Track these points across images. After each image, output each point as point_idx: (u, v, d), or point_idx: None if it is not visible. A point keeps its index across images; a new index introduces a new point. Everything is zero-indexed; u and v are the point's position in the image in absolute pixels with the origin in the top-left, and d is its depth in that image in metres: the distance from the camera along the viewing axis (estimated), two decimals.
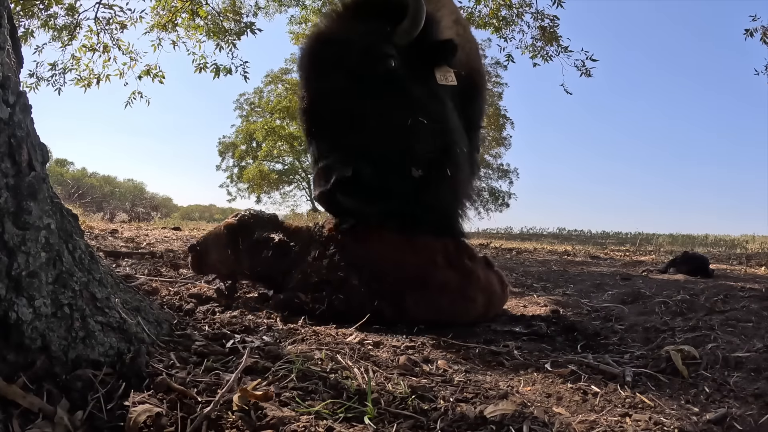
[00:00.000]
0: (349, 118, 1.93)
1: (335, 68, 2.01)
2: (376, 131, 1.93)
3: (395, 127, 1.96)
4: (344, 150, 1.90)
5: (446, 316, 1.97)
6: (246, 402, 0.98)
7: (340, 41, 2.06)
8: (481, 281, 2.06)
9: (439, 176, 2.06)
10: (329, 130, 1.97)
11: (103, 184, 26.36)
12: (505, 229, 22.40)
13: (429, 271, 1.98)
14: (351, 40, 2.05)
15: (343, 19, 2.17)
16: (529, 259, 6.70)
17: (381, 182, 1.89)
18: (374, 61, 2.02)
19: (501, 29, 7.41)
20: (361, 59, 2.00)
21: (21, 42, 1.23)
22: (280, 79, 21.74)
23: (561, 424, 1.05)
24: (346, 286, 1.92)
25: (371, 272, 1.94)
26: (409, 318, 1.92)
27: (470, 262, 2.08)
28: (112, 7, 7.12)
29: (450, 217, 2.24)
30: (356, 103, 1.95)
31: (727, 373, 1.38)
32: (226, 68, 7.25)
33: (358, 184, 1.83)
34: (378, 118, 1.94)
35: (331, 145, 1.94)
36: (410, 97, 2.03)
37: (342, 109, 1.95)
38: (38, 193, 1.05)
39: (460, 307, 2.00)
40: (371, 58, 2.02)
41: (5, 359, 0.91)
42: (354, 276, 1.93)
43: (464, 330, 1.89)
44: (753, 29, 6.87)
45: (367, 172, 1.85)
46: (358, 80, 1.97)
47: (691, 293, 2.67)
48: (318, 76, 2.05)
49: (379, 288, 1.92)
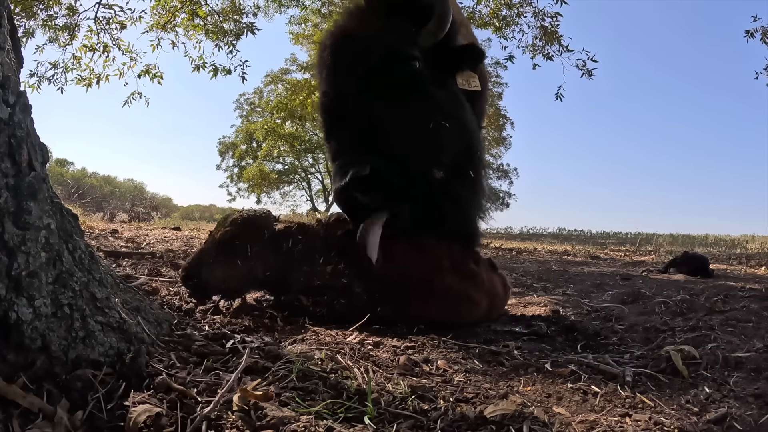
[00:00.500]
0: (369, 117, 1.88)
1: (358, 66, 1.96)
2: (397, 132, 1.89)
3: (416, 128, 1.92)
4: (363, 149, 1.83)
5: (449, 318, 1.95)
6: (246, 402, 0.98)
7: (364, 39, 2.01)
8: (485, 284, 2.05)
9: (461, 179, 2.03)
10: (349, 129, 1.92)
11: (103, 184, 26.36)
12: (505, 229, 22.42)
13: (435, 276, 1.95)
14: (375, 39, 2.00)
15: (367, 17, 2.13)
16: (529, 259, 6.70)
17: (399, 181, 1.82)
18: (399, 61, 1.99)
19: (501, 29, 7.42)
20: (385, 59, 1.96)
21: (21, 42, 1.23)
22: (280, 79, 21.75)
23: (561, 424, 1.05)
24: (348, 291, 1.88)
25: (375, 278, 1.88)
26: (411, 320, 1.91)
27: (475, 265, 2.06)
28: (111, 6, 7.12)
29: (468, 222, 2.18)
30: (377, 103, 1.90)
31: (727, 373, 1.38)
32: (225, 69, 7.26)
33: (376, 182, 1.76)
34: (399, 118, 1.90)
35: (350, 144, 1.89)
36: (432, 99, 2.00)
37: (363, 108, 1.90)
38: (38, 193, 1.05)
39: (464, 311, 1.99)
40: (396, 58, 1.99)
41: (5, 359, 0.91)
42: (357, 283, 1.88)
43: (464, 330, 1.89)
44: (753, 30, 6.89)
45: (385, 170, 1.77)
46: (380, 80, 1.94)
47: (691, 293, 2.67)
48: (340, 74, 1.99)
49: (382, 294, 1.88)
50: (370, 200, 1.80)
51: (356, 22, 2.13)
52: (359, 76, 1.95)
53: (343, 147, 1.91)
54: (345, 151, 1.89)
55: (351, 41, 2.03)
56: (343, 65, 2.00)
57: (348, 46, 2.02)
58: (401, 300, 1.90)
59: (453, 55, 2.14)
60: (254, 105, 23.05)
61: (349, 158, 1.82)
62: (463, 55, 2.16)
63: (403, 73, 1.96)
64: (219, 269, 1.87)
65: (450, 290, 1.95)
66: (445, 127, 1.96)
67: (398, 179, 1.82)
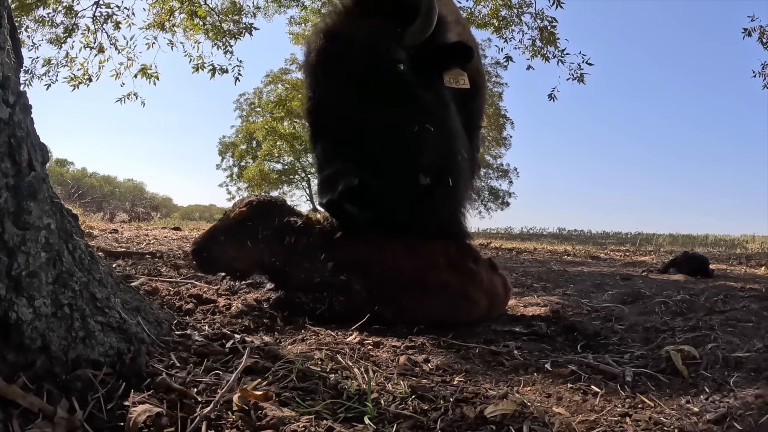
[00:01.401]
0: (354, 122, 1.91)
1: (342, 69, 1.96)
2: (382, 137, 1.90)
3: (402, 133, 1.94)
4: (350, 156, 1.87)
5: (448, 318, 1.96)
6: (246, 402, 0.98)
7: (347, 40, 2.00)
8: (485, 283, 2.05)
9: (442, 183, 2.05)
10: (334, 133, 1.94)
11: (103, 184, 26.35)
12: (505, 229, 22.43)
13: (430, 274, 1.96)
14: (359, 40, 1.99)
15: (351, 16, 2.11)
16: (529, 259, 6.70)
17: (387, 190, 1.88)
18: (383, 64, 1.98)
19: (501, 29, 7.41)
20: (369, 61, 1.95)
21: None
22: (280, 79, 21.76)
23: (561, 424, 1.05)
24: (347, 289, 1.90)
25: (373, 276, 1.92)
26: (410, 320, 1.92)
27: (474, 264, 2.06)
28: (109, 5, 7.12)
29: (453, 222, 2.23)
30: (362, 107, 1.92)
31: (727, 373, 1.38)
32: (222, 68, 7.26)
33: (365, 193, 1.82)
34: (384, 123, 1.92)
35: (336, 150, 1.92)
36: (417, 103, 2.00)
37: (348, 112, 1.92)
38: (38, 193, 1.05)
39: (463, 309, 2.00)
40: (380, 60, 1.98)
41: (5, 359, 0.91)
42: (356, 281, 1.90)
43: (464, 330, 1.89)
44: (751, 29, 6.89)
45: (373, 180, 1.83)
46: (364, 83, 1.93)
47: (691, 293, 2.67)
48: (324, 77, 2.00)
49: (380, 292, 1.90)
50: (359, 210, 1.87)
51: (341, 22, 2.11)
52: (343, 80, 1.95)
53: (328, 154, 1.96)
54: (331, 158, 1.93)
55: (335, 42, 2.02)
56: (326, 68, 2.00)
57: (330, 47, 2.01)
58: (398, 299, 1.91)
59: (440, 53, 2.11)
60: (254, 105, 23.08)
61: (336, 167, 1.87)
62: (450, 53, 2.14)
63: (386, 76, 1.96)
64: (228, 247, 1.93)
65: (447, 287, 1.96)
66: (429, 131, 1.97)
67: (383, 187, 1.87)
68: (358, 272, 1.92)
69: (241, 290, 2.33)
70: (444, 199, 2.10)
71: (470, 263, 2.05)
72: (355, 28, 2.04)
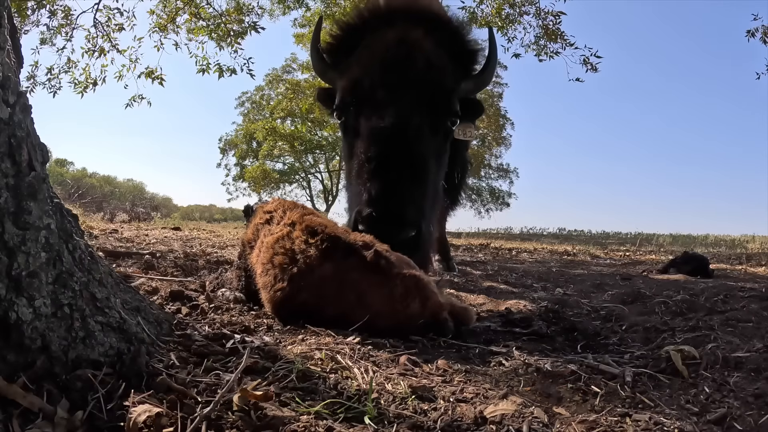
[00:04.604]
0: (388, 162, 2.17)
1: (396, 107, 2.16)
2: (403, 179, 2.16)
3: (419, 179, 2.21)
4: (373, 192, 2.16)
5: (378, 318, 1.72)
6: (246, 402, 0.98)
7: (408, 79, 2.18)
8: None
9: (426, 226, 2.29)
10: (371, 172, 2.20)
11: (103, 184, 26.38)
12: (505, 229, 22.44)
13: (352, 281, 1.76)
14: (422, 82, 2.17)
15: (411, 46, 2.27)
16: (529, 259, 6.70)
17: (388, 222, 2.13)
18: (440, 114, 2.17)
19: (504, 28, 7.41)
20: (426, 108, 2.14)
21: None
22: (281, 79, 21.76)
23: (561, 424, 1.05)
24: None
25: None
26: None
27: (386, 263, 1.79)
28: (111, 9, 7.13)
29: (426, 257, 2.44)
30: (398, 148, 2.16)
31: (727, 373, 1.38)
32: (230, 69, 7.23)
33: (371, 223, 2.11)
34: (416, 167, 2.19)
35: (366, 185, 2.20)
36: (443, 154, 2.37)
37: (387, 153, 2.17)
38: (38, 193, 1.05)
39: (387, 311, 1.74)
40: (438, 109, 2.15)
41: (5, 359, 0.91)
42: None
43: (464, 330, 1.89)
44: (754, 29, 6.90)
45: (379, 214, 2.11)
46: (411, 125, 2.17)
47: (691, 293, 2.67)
48: (376, 114, 2.21)
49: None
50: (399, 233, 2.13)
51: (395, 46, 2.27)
52: (394, 118, 2.15)
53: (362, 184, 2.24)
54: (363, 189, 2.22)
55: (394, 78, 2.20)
56: (380, 104, 2.20)
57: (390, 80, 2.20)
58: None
59: (462, 107, 2.33)
60: (256, 104, 23.10)
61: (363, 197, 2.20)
62: (470, 108, 2.29)
63: (437, 131, 2.24)
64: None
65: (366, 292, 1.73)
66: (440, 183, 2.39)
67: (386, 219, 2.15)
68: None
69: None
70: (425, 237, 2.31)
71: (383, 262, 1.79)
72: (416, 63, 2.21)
